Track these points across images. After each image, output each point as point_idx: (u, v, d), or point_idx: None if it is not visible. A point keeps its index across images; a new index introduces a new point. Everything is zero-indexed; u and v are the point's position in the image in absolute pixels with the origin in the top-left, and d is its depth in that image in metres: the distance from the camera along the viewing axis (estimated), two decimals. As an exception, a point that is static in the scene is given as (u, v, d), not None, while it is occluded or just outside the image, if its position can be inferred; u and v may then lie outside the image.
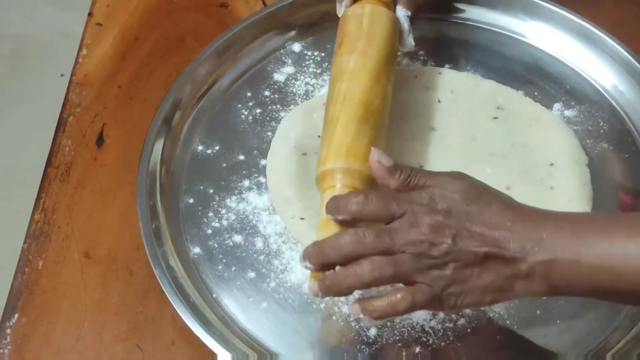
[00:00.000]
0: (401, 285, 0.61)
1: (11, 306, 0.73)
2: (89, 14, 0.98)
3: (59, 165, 0.83)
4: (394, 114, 0.82)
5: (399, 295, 0.60)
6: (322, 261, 0.61)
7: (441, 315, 0.70)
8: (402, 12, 0.80)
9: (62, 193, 0.80)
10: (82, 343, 0.71)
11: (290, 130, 0.82)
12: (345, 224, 0.63)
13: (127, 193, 0.80)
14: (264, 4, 0.97)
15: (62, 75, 1.80)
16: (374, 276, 0.59)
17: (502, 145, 0.81)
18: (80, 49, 0.94)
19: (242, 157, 0.81)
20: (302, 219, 0.75)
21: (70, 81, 0.90)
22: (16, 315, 0.72)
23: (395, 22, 0.79)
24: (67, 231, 0.78)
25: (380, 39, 0.76)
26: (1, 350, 0.70)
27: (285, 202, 0.76)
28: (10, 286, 0.74)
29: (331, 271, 0.61)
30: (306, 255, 0.62)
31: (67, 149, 0.84)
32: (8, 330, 0.71)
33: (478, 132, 0.82)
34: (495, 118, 0.83)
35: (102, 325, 0.71)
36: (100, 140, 0.85)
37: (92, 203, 0.80)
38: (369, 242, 0.60)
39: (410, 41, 0.81)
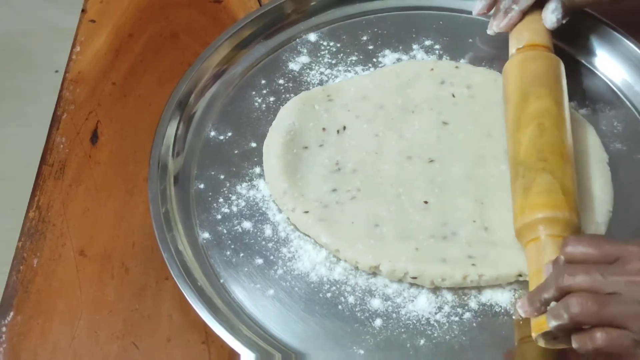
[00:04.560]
0: None
1: (6, 304, 0.73)
2: (83, 11, 0.97)
3: (53, 162, 0.82)
4: (405, 107, 0.82)
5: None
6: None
7: (447, 308, 0.70)
8: None
9: (56, 191, 0.80)
10: (77, 341, 0.70)
11: (288, 121, 0.81)
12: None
13: (122, 190, 0.80)
14: (260, 4, 0.97)
15: (56, 71, 1.80)
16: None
17: None
18: (73, 46, 0.93)
19: (254, 145, 0.82)
20: (306, 212, 0.75)
21: (64, 78, 0.90)
22: (11, 314, 0.72)
23: (530, 59, 0.79)
24: (62, 229, 0.77)
25: (511, 91, 0.78)
26: (-4, 349, 0.70)
27: (283, 194, 0.76)
28: (5, 284, 0.74)
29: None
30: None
31: (62, 146, 0.84)
32: (3, 329, 0.71)
33: (494, 129, 0.81)
34: None
35: (98, 323, 0.71)
36: (94, 138, 0.85)
37: (87, 200, 0.80)
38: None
39: (550, 17, 0.81)
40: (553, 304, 0.61)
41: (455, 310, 0.70)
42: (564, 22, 0.82)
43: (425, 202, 0.75)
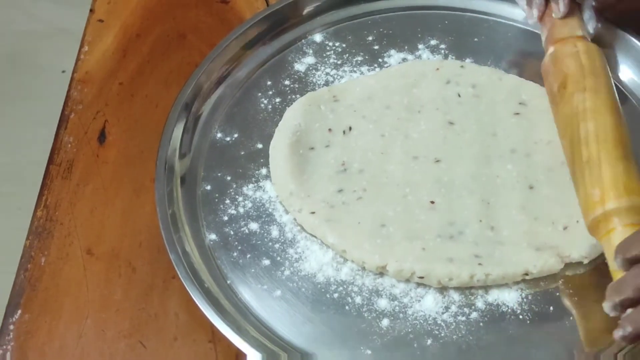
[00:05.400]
0: None
1: (14, 303, 0.73)
2: (90, 11, 0.98)
3: (61, 162, 0.83)
4: (411, 107, 0.82)
5: None
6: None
7: (453, 308, 0.70)
8: (588, 1, 0.82)
9: (64, 190, 0.81)
10: (85, 340, 0.71)
11: (294, 122, 0.82)
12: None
13: (129, 190, 0.80)
14: (267, 4, 0.97)
15: (63, 71, 1.80)
16: None
17: (524, 142, 0.79)
18: (81, 46, 0.94)
19: (260, 146, 0.82)
20: (313, 212, 0.75)
21: (72, 78, 0.90)
22: (19, 312, 0.72)
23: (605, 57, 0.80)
24: (70, 228, 0.78)
25: (604, 74, 0.77)
26: (4, 347, 0.70)
27: (289, 195, 0.76)
28: (13, 283, 0.74)
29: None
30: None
31: (69, 146, 0.84)
32: (11, 327, 0.71)
33: (499, 128, 0.81)
34: (517, 114, 0.82)
35: (105, 322, 0.72)
36: (102, 137, 0.85)
37: (95, 200, 0.80)
38: None
39: (587, 29, 0.83)
40: (629, 311, 0.58)
41: (462, 310, 0.70)
42: (599, 25, 0.84)
43: (432, 202, 0.75)
